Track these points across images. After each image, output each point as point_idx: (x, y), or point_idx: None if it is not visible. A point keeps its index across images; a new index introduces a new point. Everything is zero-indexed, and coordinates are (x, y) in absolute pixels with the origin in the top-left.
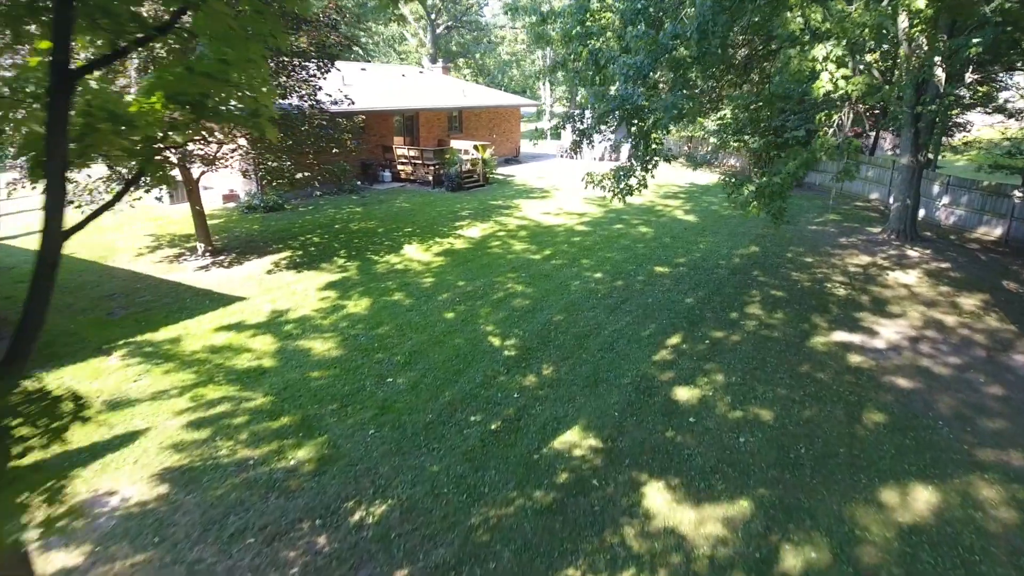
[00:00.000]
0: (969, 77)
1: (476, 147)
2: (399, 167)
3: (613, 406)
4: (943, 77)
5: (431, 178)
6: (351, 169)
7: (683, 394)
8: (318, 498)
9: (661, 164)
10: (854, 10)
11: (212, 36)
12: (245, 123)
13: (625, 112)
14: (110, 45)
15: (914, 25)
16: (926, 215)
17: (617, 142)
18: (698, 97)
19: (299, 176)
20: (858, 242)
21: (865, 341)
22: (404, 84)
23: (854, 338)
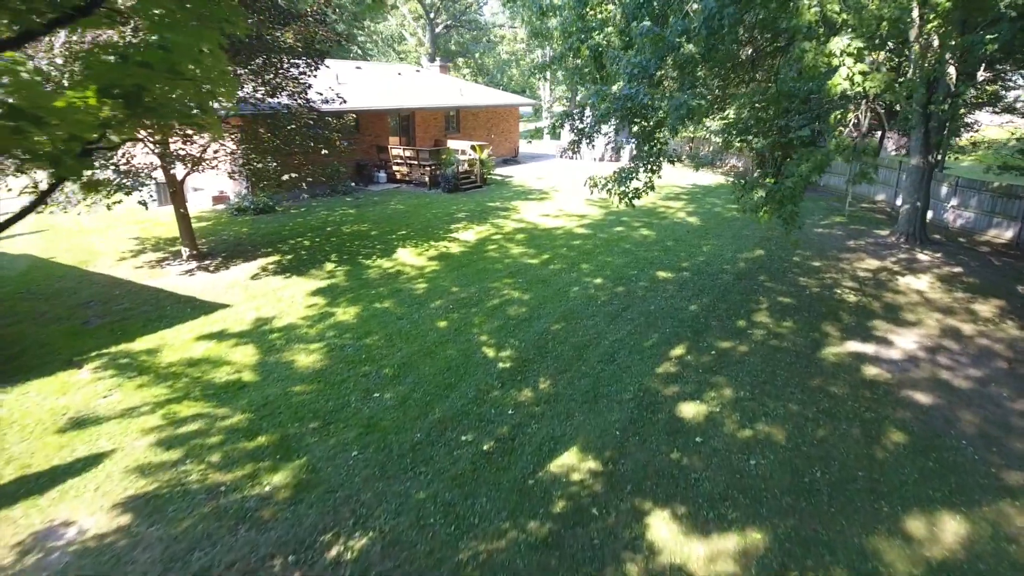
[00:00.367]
0: (981, 75)
1: (473, 147)
2: (394, 168)
3: (614, 424)
4: (954, 75)
5: (427, 179)
6: (344, 170)
7: (689, 410)
8: (292, 530)
9: (664, 165)
10: (871, 2)
11: (151, 20)
12: (187, 120)
13: (628, 111)
14: (13, 27)
15: (929, 20)
16: (934, 217)
17: (619, 143)
18: (707, 96)
19: (286, 177)
20: (866, 245)
21: (879, 351)
22: (400, 83)
23: (868, 348)
